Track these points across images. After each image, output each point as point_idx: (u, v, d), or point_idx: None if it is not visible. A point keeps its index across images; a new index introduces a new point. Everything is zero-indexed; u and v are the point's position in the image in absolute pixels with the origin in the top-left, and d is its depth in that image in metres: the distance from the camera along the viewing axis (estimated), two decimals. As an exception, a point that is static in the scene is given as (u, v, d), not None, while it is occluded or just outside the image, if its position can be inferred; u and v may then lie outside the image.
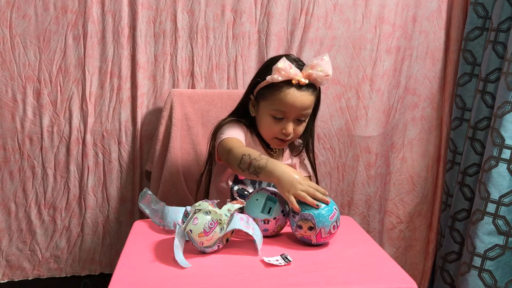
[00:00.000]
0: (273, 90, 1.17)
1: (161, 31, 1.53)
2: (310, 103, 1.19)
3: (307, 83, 1.15)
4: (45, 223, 1.59)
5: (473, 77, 1.64)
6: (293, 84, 1.14)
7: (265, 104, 1.20)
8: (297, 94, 1.15)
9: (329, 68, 1.15)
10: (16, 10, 1.45)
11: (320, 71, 1.14)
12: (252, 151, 1.10)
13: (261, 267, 0.93)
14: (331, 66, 1.16)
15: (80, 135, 1.55)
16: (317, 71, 1.14)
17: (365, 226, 1.73)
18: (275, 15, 1.57)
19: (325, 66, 1.15)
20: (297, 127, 1.21)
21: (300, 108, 1.17)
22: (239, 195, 1.23)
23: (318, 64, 1.14)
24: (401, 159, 1.76)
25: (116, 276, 0.88)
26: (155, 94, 1.57)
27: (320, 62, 1.14)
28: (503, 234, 1.44)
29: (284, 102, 1.15)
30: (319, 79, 1.16)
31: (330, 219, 0.99)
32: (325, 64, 1.15)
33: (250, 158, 1.07)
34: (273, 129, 1.20)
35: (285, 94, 1.15)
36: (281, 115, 1.18)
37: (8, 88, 1.49)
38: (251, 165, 1.06)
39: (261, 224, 1.04)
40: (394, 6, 1.63)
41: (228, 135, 1.18)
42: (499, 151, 1.43)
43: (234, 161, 1.10)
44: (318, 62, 1.14)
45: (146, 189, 1.15)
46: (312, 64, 1.15)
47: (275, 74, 1.14)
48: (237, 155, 1.09)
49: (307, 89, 1.16)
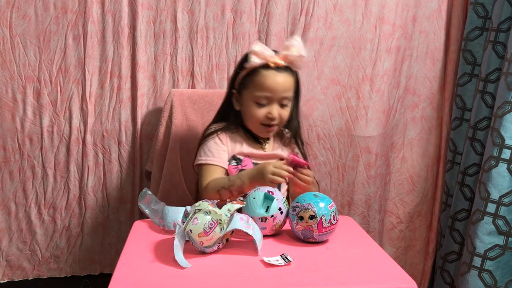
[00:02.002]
0: (253, 76, 1.21)
1: (161, 31, 1.53)
2: (290, 85, 1.22)
3: (284, 65, 1.19)
4: (45, 223, 1.59)
5: (473, 77, 1.64)
6: (271, 67, 1.18)
7: (248, 93, 1.22)
8: (276, 76, 1.19)
9: (302, 49, 1.20)
10: (16, 10, 1.45)
11: (295, 51, 1.18)
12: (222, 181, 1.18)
13: (261, 267, 0.93)
14: (303, 47, 1.21)
15: (80, 135, 1.55)
16: (292, 52, 1.18)
17: (365, 226, 1.73)
18: (275, 15, 1.57)
19: (299, 46, 1.19)
20: (282, 111, 1.22)
21: (282, 90, 1.20)
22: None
23: (292, 45, 1.19)
24: (401, 159, 1.76)
25: (116, 276, 0.88)
26: (155, 94, 1.57)
27: (293, 42, 1.19)
28: (503, 234, 1.44)
29: (265, 85, 1.19)
30: (295, 60, 1.20)
31: (330, 208, 1.02)
32: (298, 44, 1.20)
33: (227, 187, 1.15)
34: (258, 115, 1.22)
35: (265, 77, 1.19)
36: (264, 100, 1.21)
37: (8, 88, 1.49)
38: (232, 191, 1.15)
39: (259, 223, 1.04)
40: (394, 6, 1.63)
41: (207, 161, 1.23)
42: (499, 151, 1.43)
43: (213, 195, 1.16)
44: (291, 42, 1.20)
45: (146, 189, 1.15)
46: (286, 45, 1.20)
47: (252, 57, 1.18)
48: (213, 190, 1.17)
49: (285, 71, 1.20)
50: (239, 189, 1.15)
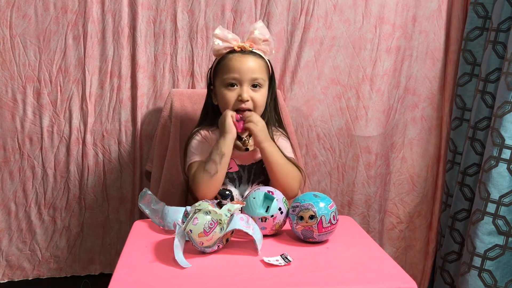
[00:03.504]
0: (221, 62, 1.23)
1: (161, 31, 1.53)
2: (258, 67, 1.22)
3: (248, 48, 1.22)
4: (45, 223, 1.59)
5: (473, 77, 1.64)
6: (237, 50, 1.21)
7: (219, 80, 1.24)
8: (242, 57, 1.21)
9: (265, 32, 1.23)
10: (16, 10, 1.45)
11: (259, 34, 1.21)
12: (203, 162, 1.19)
13: (261, 267, 0.93)
14: (267, 31, 1.23)
15: (80, 135, 1.55)
16: (255, 35, 1.21)
17: (365, 226, 1.73)
18: (275, 15, 1.57)
19: (261, 30, 1.22)
20: (254, 94, 1.21)
21: (249, 70, 1.20)
22: (221, 196, 1.23)
23: (254, 28, 1.22)
24: (401, 159, 1.76)
25: (116, 276, 0.88)
26: (155, 94, 1.57)
27: (255, 25, 1.22)
28: (503, 234, 1.44)
29: (231, 66, 1.20)
30: (258, 44, 1.22)
31: (330, 208, 1.02)
32: (261, 28, 1.22)
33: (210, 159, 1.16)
34: (230, 98, 1.21)
35: (230, 59, 1.21)
36: (233, 81, 1.21)
37: (8, 88, 1.49)
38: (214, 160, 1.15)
39: (259, 222, 1.04)
40: (394, 6, 1.63)
41: (194, 159, 1.23)
42: (499, 151, 1.43)
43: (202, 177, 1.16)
44: (254, 26, 1.23)
45: (146, 189, 1.15)
46: (250, 31, 1.23)
47: (216, 41, 1.21)
48: (200, 174, 1.17)
49: (252, 55, 1.22)
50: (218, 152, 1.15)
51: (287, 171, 1.21)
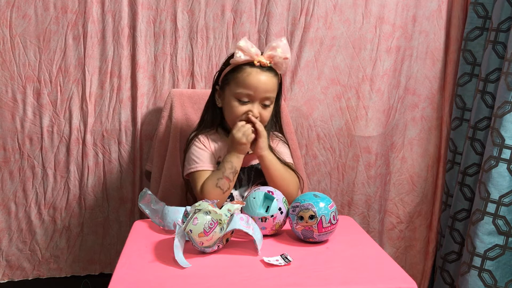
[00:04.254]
0: (236, 73, 1.21)
1: (161, 31, 1.53)
2: (272, 86, 1.21)
3: (268, 64, 1.19)
4: (45, 223, 1.59)
5: (473, 77, 1.64)
6: (255, 65, 1.18)
7: (230, 89, 1.22)
8: (259, 74, 1.19)
9: (287, 51, 1.20)
10: (16, 10, 1.45)
11: (280, 53, 1.19)
12: (214, 175, 1.19)
13: (261, 267, 0.93)
14: (289, 49, 1.22)
15: (80, 135, 1.55)
16: (277, 53, 1.19)
17: (365, 226, 1.73)
18: (275, 15, 1.57)
19: (284, 48, 1.20)
20: (263, 112, 1.22)
21: (264, 89, 1.19)
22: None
23: (278, 46, 1.19)
24: (401, 159, 1.76)
25: (116, 276, 0.88)
26: (155, 94, 1.57)
27: (279, 43, 1.20)
28: (503, 234, 1.44)
29: (248, 82, 1.19)
30: (279, 61, 1.20)
31: (330, 208, 1.02)
32: (284, 46, 1.20)
33: (224, 176, 1.17)
34: (238, 112, 1.21)
35: (248, 74, 1.19)
36: (246, 97, 1.20)
37: (8, 88, 1.49)
38: (228, 176, 1.17)
39: (259, 222, 1.04)
40: (394, 6, 1.63)
41: (197, 168, 1.23)
42: (499, 151, 1.43)
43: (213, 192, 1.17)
44: (277, 43, 1.19)
45: (146, 189, 1.15)
46: (272, 46, 1.20)
47: (238, 53, 1.18)
48: (211, 187, 1.17)
49: (269, 71, 1.20)
50: (232, 170, 1.17)
51: (286, 178, 1.23)
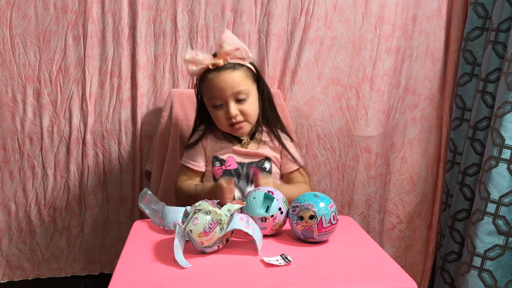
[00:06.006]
0: (202, 83, 1.24)
1: (161, 31, 1.53)
2: (238, 79, 1.20)
3: (222, 64, 1.19)
4: (45, 223, 1.59)
5: (473, 77, 1.64)
6: (212, 69, 1.19)
7: (205, 98, 1.25)
8: (219, 75, 1.19)
9: (233, 41, 1.20)
10: (16, 10, 1.45)
11: (228, 46, 1.18)
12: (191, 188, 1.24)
13: (261, 267, 0.93)
14: (235, 37, 1.21)
15: (80, 135, 1.55)
16: (226, 48, 1.18)
17: (365, 226, 1.73)
18: (275, 15, 1.57)
19: (229, 40, 1.19)
20: (242, 106, 1.21)
21: (230, 86, 1.19)
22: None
23: (223, 41, 1.19)
24: (401, 159, 1.76)
25: (116, 276, 0.88)
26: (155, 94, 1.57)
27: (223, 38, 1.19)
28: (503, 234, 1.44)
29: (212, 87, 1.20)
30: (234, 54, 1.20)
31: (330, 208, 1.02)
32: (228, 38, 1.19)
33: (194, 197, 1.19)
34: (220, 118, 1.22)
35: (209, 80, 1.21)
36: (218, 101, 1.21)
37: (8, 88, 1.49)
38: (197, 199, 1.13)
39: (259, 222, 1.04)
40: (394, 6, 1.63)
41: (186, 163, 1.29)
42: (499, 151, 1.43)
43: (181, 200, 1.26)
44: (221, 39, 1.19)
45: (146, 189, 1.15)
46: (219, 44, 1.20)
47: (188, 67, 1.20)
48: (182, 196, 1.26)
49: (229, 68, 1.20)
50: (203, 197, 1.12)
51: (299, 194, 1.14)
